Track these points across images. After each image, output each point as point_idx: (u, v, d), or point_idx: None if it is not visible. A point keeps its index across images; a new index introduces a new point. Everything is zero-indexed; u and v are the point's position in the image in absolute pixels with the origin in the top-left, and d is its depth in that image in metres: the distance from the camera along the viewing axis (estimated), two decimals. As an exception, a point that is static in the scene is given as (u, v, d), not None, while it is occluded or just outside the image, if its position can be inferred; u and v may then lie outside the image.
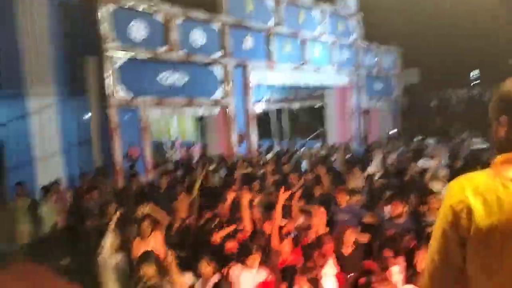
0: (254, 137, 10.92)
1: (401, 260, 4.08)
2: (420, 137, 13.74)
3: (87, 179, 7.68)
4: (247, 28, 10.55)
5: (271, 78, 11.59)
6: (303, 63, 12.16)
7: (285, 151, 13.62)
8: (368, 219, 5.33)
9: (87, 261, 4.54)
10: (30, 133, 8.20)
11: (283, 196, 4.15)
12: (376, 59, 15.38)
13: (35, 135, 8.27)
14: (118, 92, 8.06)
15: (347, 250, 4.52)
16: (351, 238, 4.54)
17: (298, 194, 5.52)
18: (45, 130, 8.34)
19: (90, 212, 5.78)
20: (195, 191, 6.04)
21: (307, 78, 12.49)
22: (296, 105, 17.17)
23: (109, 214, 4.49)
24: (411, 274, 3.85)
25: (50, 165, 8.39)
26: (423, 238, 4.28)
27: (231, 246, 4.15)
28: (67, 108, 8.58)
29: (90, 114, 8.61)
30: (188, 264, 4.10)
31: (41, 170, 8.29)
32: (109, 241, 4.17)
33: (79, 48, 8.25)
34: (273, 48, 11.21)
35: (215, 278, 3.78)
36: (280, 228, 4.80)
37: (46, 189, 7.11)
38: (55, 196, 7.05)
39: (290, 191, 4.52)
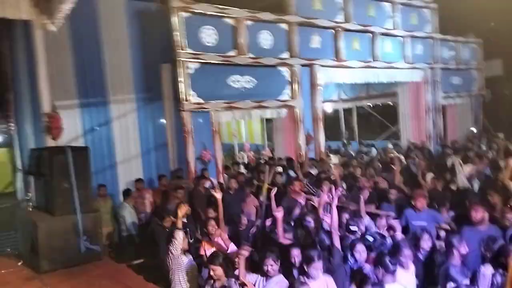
0: (322, 138, 10.76)
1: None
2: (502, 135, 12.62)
3: (165, 181, 8.16)
4: (314, 26, 10.42)
5: (340, 77, 11.33)
6: (374, 60, 11.75)
7: (355, 152, 13.31)
8: (445, 225, 5.05)
9: (163, 260, 4.79)
10: (112, 138, 8.85)
11: (335, 197, 4.13)
12: (453, 52, 14.39)
13: (117, 140, 8.90)
14: (190, 97, 8.39)
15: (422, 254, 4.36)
16: (428, 244, 4.37)
17: (365, 196, 5.42)
18: (125, 135, 8.96)
19: (170, 212, 6.08)
20: (263, 193, 6.15)
21: (378, 74, 12.01)
22: (367, 104, 16.64)
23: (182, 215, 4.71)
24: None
25: (130, 168, 8.99)
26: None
27: (296, 253, 4.15)
28: (145, 114, 9.13)
29: (165, 118, 9.11)
30: (254, 264, 4.17)
31: (122, 173, 8.90)
32: (179, 241, 4.36)
33: (156, 55, 8.74)
34: (341, 45, 10.95)
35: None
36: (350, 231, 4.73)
37: (127, 191, 7.67)
38: (137, 194, 7.60)
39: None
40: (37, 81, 6.82)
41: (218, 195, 5.17)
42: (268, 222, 5.43)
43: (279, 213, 4.65)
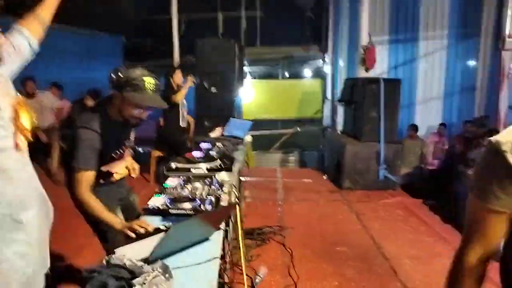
0: None
1: None
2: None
3: (471, 128, 7.50)
4: None
5: None
6: None
7: None
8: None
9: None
10: (416, 76, 8.65)
11: None
12: None
13: (420, 78, 8.64)
14: (515, 34, 7.14)
15: None
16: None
17: None
18: (430, 74, 8.58)
19: (472, 161, 5.64)
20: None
21: None
22: None
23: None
24: None
25: (429, 110, 8.65)
26: None
27: None
28: (455, 52, 8.40)
29: (478, 58, 8.17)
30: None
31: (420, 114, 8.69)
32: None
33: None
34: None
35: None
36: None
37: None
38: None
39: None
40: (358, 17, 7.26)
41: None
42: None
43: None
